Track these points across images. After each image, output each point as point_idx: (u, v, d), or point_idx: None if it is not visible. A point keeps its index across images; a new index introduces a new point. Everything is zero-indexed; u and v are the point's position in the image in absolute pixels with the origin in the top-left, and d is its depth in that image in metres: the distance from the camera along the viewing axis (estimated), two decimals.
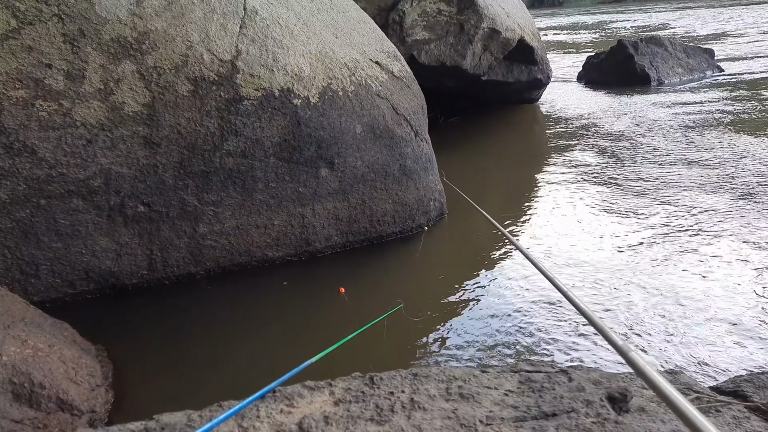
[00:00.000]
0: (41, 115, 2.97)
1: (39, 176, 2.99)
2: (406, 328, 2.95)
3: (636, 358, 0.87)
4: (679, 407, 0.72)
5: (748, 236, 3.71)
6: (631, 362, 0.87)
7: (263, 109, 3.43)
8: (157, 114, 3.20)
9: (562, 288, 1.30)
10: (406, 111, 4.15)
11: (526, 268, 3.57)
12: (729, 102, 8.03)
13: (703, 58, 10.96)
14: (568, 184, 5.19)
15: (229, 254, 3.52)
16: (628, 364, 0.88)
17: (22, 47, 2.93)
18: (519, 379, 1.51)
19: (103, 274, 3.25)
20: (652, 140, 6.43)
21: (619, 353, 0.93)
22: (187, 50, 3.27)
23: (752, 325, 2.79)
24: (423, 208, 4.20)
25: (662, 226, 3.99)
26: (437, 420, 1.29)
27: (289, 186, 3.58)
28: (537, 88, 8.72)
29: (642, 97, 9.03)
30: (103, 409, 2.36)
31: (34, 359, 2.22)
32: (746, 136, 6.17)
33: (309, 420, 1.27)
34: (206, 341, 2.98)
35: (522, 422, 1.31)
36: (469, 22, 6.78)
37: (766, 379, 1.77)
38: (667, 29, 17.52)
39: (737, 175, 4.96)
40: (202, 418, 1.30)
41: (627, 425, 1.33)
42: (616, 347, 0.94)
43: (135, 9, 3.18)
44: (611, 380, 1.54)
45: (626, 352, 0.90)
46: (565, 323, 2.93)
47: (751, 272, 3.27)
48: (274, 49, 3.53)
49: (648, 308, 2.99)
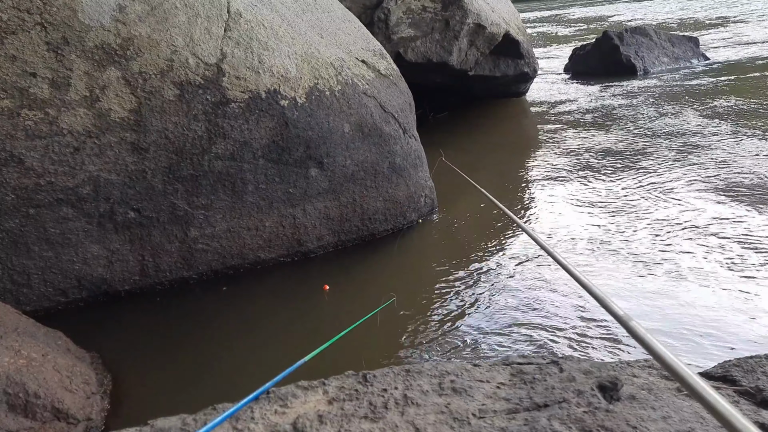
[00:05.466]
0: (27, 124, 2.96)
1: (27, 185, 2.98)
2: (398, 323, 2.97)
3: (636, 327, 0.88)
4: (680, 372, 0.73)
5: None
6: (632, 331, 0.89)
7: (250, 111, 3.43)
8: (144, 119, 3.19)
9: (562, 260, 1.30)
10: (393, 109, 4.16)
11: (519, 261, 3.60)
12: (715, 89, 8.08)
13: (688, 47, 11.01)
14: (558, 175, 5.22)
15: (221, 257, 3.52)
16: (629, 332, 0.90)
17: (6, 57, 2.92)
18: (511, 372, 1.53)
19: (95, 282, 3.24)
20: (636, 125, 6.47)
21: (619, 322, 0.94)
22: (172, 55, 3.26)
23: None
24: (414, 205, 4.21)
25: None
26: (431, 415, 1.30)
27: (279, 187, 3.59)
28: (524, 81, 8.74)
29: (627, 86, 9.07)
30: (100, 417, 2.36)
31: (29, 369, 2.22)
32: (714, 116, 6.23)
33: (303, 420, 1.28)
34: (200, 345, 2.99)
35: (514, 414, 1.33)
36: (454, 18, 6.79)
37: (755, 363, 1.80)
38: (653, 19, 17.60)
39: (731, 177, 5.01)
40: (196, 421, 1.30)
41: (618, 413, 1.35)
42: (616, 317, 0.96)
43: (118, 15, 3.17)
44: (602, 369, 1.56)
45: (626, 321, 0.91)
46: (559, 315, 2.96)
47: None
48: (260, 51, 3.53)
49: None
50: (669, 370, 0.76)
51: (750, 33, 12.97)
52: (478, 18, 6.94)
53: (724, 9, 17.72)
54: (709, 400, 0.67)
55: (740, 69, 9.41)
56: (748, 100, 7.29)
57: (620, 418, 1.33)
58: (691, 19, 16.83)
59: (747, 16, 15.64)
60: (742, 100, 7.27)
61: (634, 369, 1.60)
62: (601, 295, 1.05)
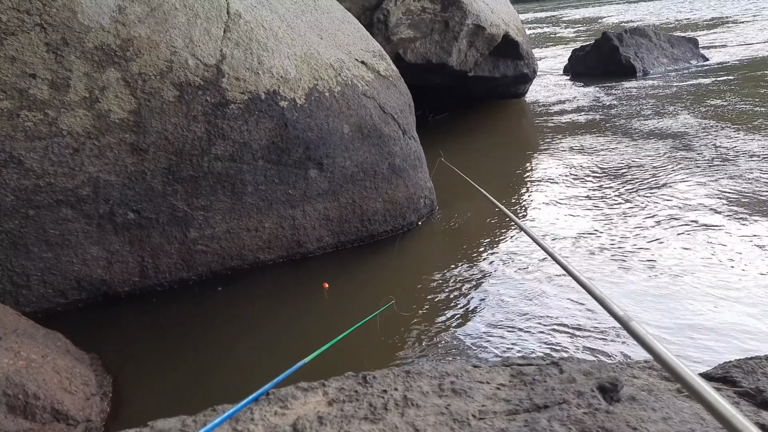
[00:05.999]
0: (27, 125, 2.96)
1: (27, 187, 2.98)
2: (398, 324, 2.96)
3: (636, 328, 0.88)
4: (679, 372, 0.73)
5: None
6: (632, 331, 0.89)
7: (250, 112, 3.43)
8: (143, 120, 3.19)
9: (562, 261, 1.30)
10: (393, 109, 4.16)
11: (519, 261, 3.60)
12: (714, 90, 8.08)
13: (687, 48, 11.02)
14: (557, 175, 5.22)
15: (221, 258, 3.52)
16: (629, 333, 0.90)
17: (5, 58, 2.92)
18: (511, 373, 1.53)
19: (94, 283, 3.24)
20: (635, 126, 6.47)
21: (619, 323, 0.94)
22: (171, 56, 3.26)
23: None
24: (413, 206, 4.21)
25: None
26: (430, 416, 1.30)
27: (279, 188, 3.58)
28: (523, 82, 8.74)
29: (627, 87, 9.08)
30: (99, 418, 2.36)
31: (28, 370, 2.22)
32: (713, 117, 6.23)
33: (303, 421, 1.28)
34: (200, 346, 2.98)
35: (514, 415, 1.32)
36: (453, 19, 6.79)
37: (755, 364, 1.80)
38: (652, 19, 17.62)
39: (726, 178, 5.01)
40: (196, 423, 1.30)
41: (618, 414, 1.35)
42: (616, 317, 0.96)
43: (118, 16, 3.17)
44: (602, 370, 1.55)
45: (626, 322, 0.91)
46: (559, 316, 2.96)
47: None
48: (259, 52, 3.53)
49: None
50: (670, 371, 0.76)
51: (749, 33, 12.98)
52: (478, 19, 6.94)
53: (724, 9, 17.74)
54: (710, 400, 0.66)
55: (739, 69, 9.41)
56: (748, 100, 7.29)
57: (620, 420, 1.32)
58: (689, 19, 16.85)
59: (746, 15, 15.65)
60: (741, 101, 7.27)
61: (635, 370, 1.60)
62: (601, 295, 1.05)
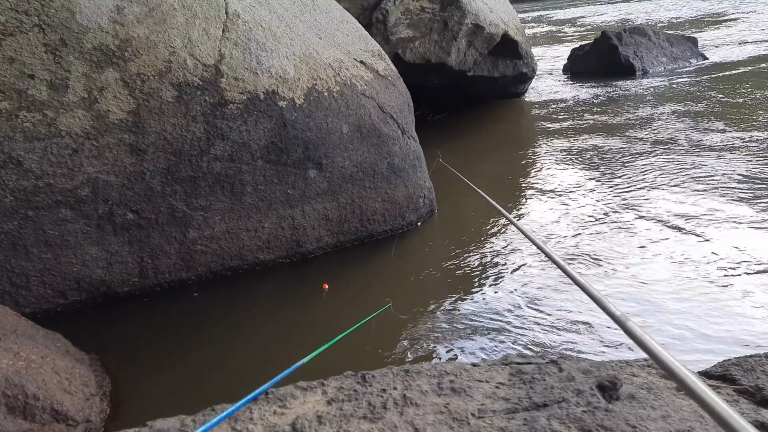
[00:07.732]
0: (26, 126, 2.96)
1: (26, 187, 2.98)
2: (397, 324, 2.96)
3: (633, 327, 0.88)
4: (677, 372, 0.73)
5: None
6: (628, 331, 0.89)
7: (249, 112, 3.43)
8: (142, 121, 3.19)
9: (559, 262, 1.31)
10: (392, 109, 4.16)
11: (517, 262, 3.60)
12: (713, 88, 8.09)
13: (686, 47, 11.01)
14: (556, 175, 5.22)
15: (221, 259, 3.52)
16: (625, 333, 0.90)
17: (4, 58, 2.92)
18: (510, 372, 1.53)
19: (94, 283, 3.24)
20: (634, 125, 6.48)
21: (616, 322, 0.94)
22: (170, 56, 3.26)
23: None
24: (413, 206, 4.21)
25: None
26: (430, 415, 1.30)
27: (278, 188, 3.59)
28: (523, 82, 8.74)
29: (626, 86, 9.08)
30: (99, 419, 2.36)
31: (27, 371, 2.22)
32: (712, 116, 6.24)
33: (302, 420, 1.28)
34: (199, 346, 2.98)
35: (513, 414, 1.32)
36: (452, 18, 6.79)
37: (754, 362, 1.80)
38: (650, 18, 17.62)
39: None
40: (195, 422, 1.30)
41: (617, 413, 1.35)
42: (613, 317, 0.96)
43: (116, 17, 3.17)
44: (601, 369, 1.56)
45: (623, 322, 0.91)
46: (558, 315, 2.96)
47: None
48: (258, 52, 3.53)
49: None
50: (666, 370, 0.76)
51: (748, 32, 12.97)
52: (477, 18, 6.94)
53: (723, 9, 17.74)
54: (706, 399, 0.67)
55: (739, 68, 9.41)
56: (748, 98, 7.29)
57: (619, 418, 1.32)
58: (688, 19, 16.85)
59: (745, 15, 15.65)
60: (741, 100, 7.27)
61: (634, 368, 1.60)
62: (597, 295, 1.05)
